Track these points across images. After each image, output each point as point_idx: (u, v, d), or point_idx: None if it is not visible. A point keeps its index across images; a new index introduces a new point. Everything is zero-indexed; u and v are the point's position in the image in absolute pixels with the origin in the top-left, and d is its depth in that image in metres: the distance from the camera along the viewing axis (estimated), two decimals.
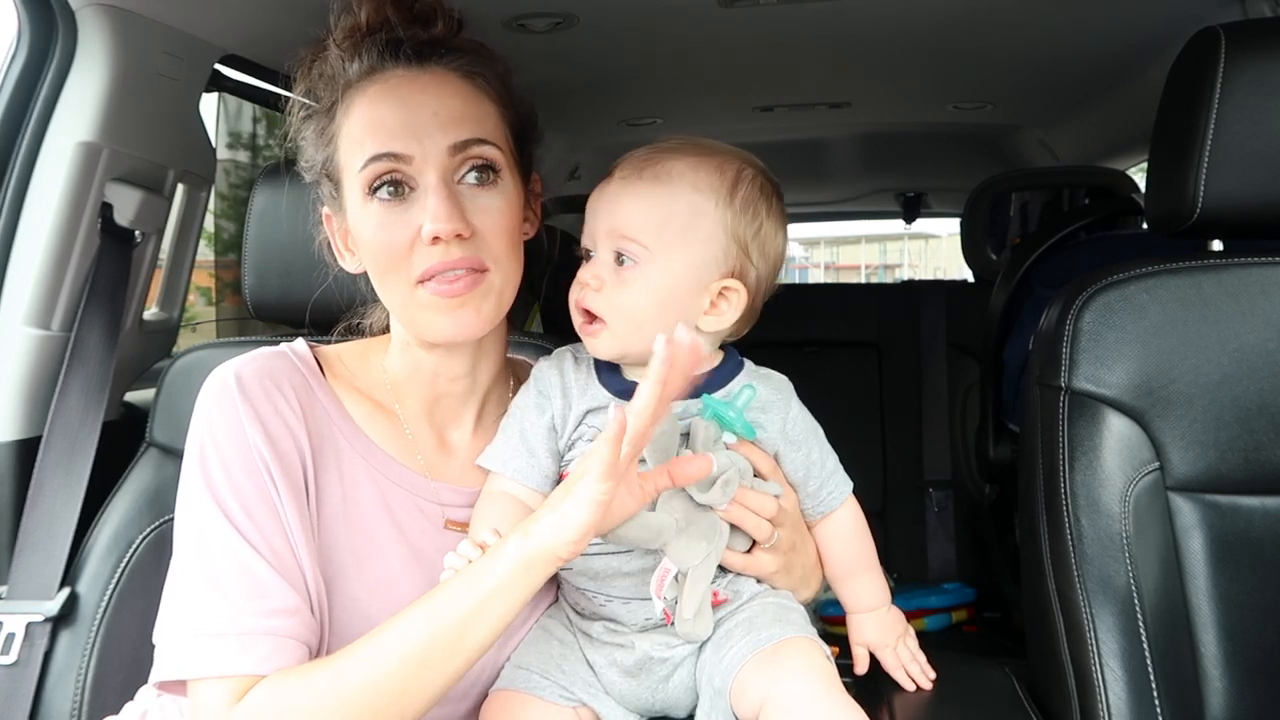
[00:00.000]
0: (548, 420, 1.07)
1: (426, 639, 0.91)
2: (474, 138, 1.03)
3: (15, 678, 1.31)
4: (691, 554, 0.99)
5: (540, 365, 1.12)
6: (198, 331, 2.54)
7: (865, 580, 1.17)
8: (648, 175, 1.03)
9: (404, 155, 1.01)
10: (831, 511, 1.14)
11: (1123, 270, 1.23)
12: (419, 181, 1.01)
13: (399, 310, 1.08)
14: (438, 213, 0.99)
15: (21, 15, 1.43)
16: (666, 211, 1.02)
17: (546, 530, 0.91)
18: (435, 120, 1.01)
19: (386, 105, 1.03)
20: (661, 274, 1.02)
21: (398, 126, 1.01)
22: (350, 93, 1.05)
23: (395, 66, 1.04)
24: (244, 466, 0.98)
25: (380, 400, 1.12)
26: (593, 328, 1.04)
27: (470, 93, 1.05)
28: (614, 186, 1.05)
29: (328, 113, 1.07)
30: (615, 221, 1.03)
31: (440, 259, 1.01)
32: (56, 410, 1.44)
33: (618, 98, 2.46)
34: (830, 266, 28.04)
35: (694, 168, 1.03)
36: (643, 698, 1.07)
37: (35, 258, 1.46)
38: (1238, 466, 1.20)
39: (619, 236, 1.02)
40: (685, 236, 1.02)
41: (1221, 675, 1.18)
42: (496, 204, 1.04)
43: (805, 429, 1.10)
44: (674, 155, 1.04)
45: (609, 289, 1.02)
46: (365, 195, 1.03)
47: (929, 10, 1.75)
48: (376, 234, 1.03)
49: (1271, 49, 1.18)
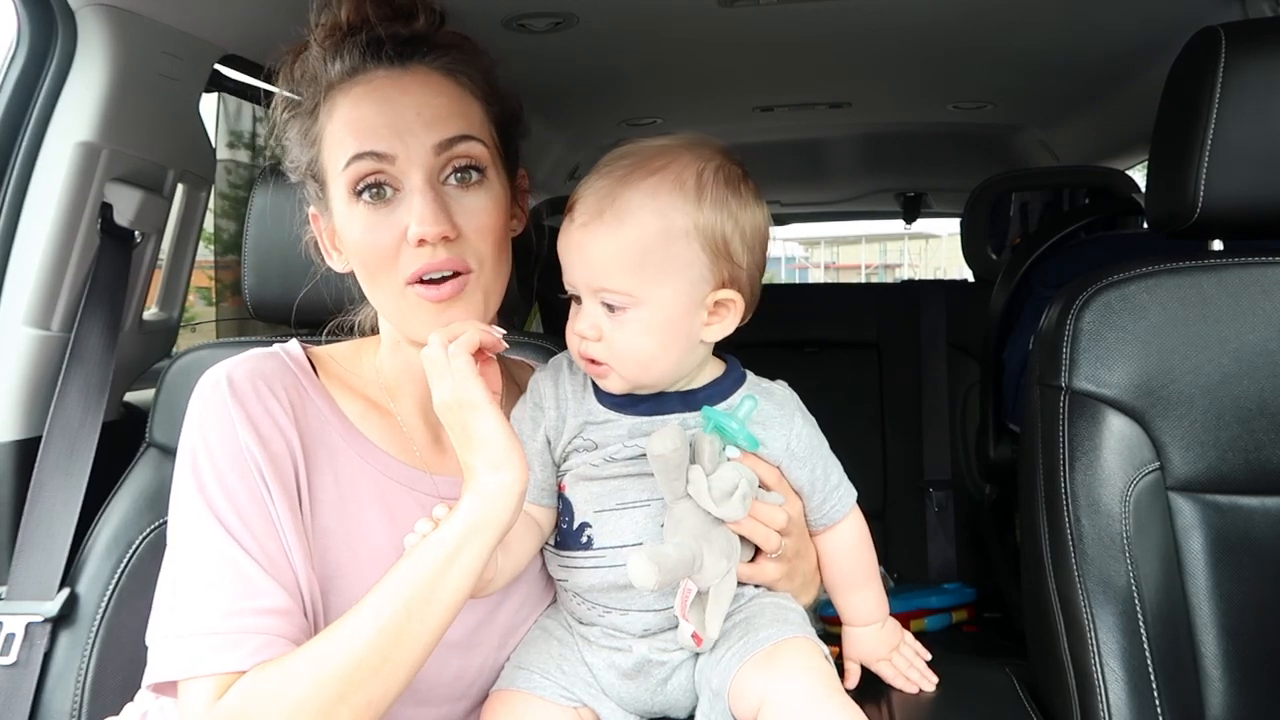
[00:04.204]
0: (542, 434, 1.07)
1: (400, 608, 0.91)
2: (459, 135, 1.02)
3: (15, 678, 1.31)
4: (714, 571, 0.98)
5: (535, 376, 1.11)
6: (198, 331, 2.54)
7: (865, 593, 1.16)
8: (609, 217, 0.98)
9: (387, 154, 1.00)
10: (835, 523, 1.12)
11: (1123, 270, 1.23)
12: (403, 182, 1.01)
13: (388, 310, 1.08)
14: (423, 215, 0.98)
15: (21, 15, 1.43)
16: (640, 251, 0.97)
17: (485, 494, 0.94)
18: (419, 119, 1.01)
19: (369, 105, 1.02)
20: (654, 312, 0.99)
21: (380, 126, 1.00)
22: (332, 93, 1.04)
23: (377, 67, 1.03)
24: (236, 468, 0.98)
25: (374, 399, 1.12)
26: (600, 369, 1.02)
27: (454, 90, 1.05)
28: (577, 234, 1.00)
29: (311, 113, 1.06)
30: (591, 274, 0.99)
31: (426, 261, 1.00)
32: (56, 410, 1.44)
33: (618, 98, 2.46)
34: (830, 266, 28.04)
35: (652, 193, 0.98)
36: (641, 699, 1.07)
37: (35, 258, 1.46)
38: (1238, 466, 1.20)
39: (600, 290, 0.99)
40: (666, 270, 0.98)
41: (1221, 675, 1.18)
42: (482, 204, 1.04)
43: (810, 444, 1.08)
44: (628, 185, 0.98)
45: (607, 338, 1.00)
46: (350, 196, 1.02)
47: (929, 10, 1.74)
48: (363, 236, 1.02)
49: (1271, 49, 1.18)
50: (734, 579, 1.02)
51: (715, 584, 0.98)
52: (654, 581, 0.91)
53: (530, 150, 1.17)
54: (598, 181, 1.01)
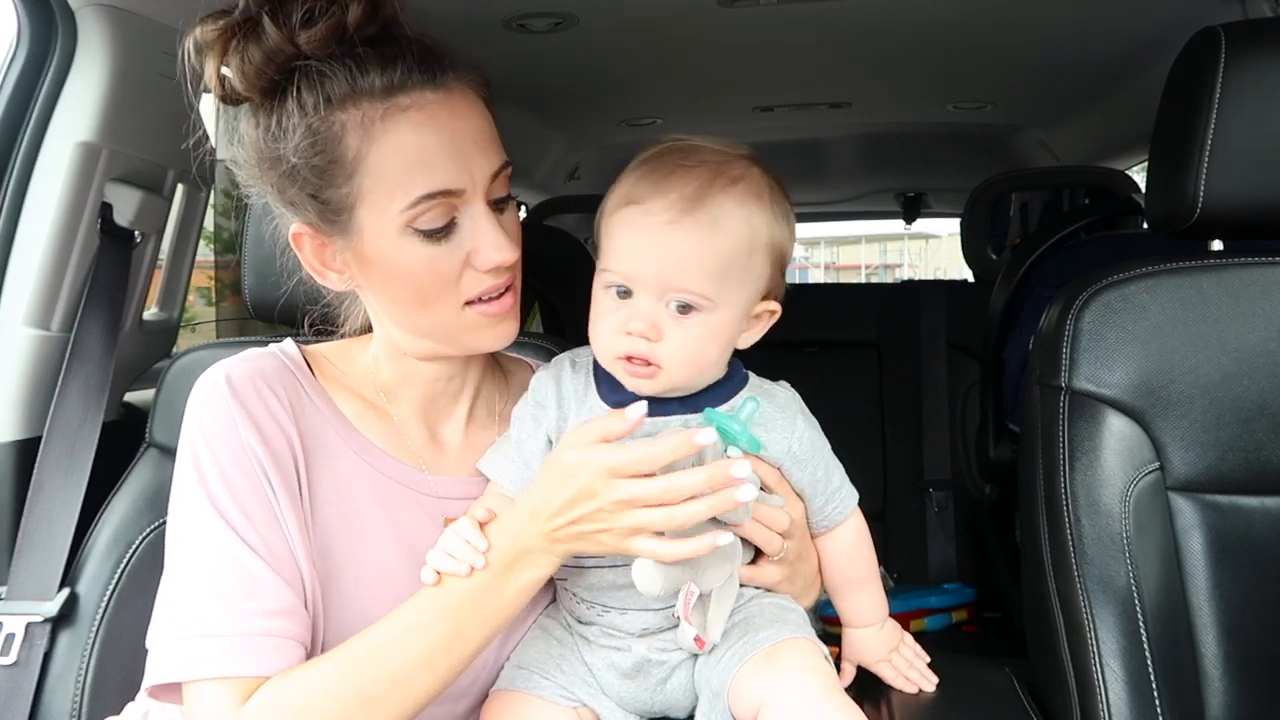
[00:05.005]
0: (543, 432, 1.06)
1: (449, 621, 0.95)
2: (505, 161, 1.03)
3: (15, 678, 1.31)
4: (717, 575, 0.97)
5: (538, 375, 1.11)
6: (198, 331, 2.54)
7: (865, 595, 1.16)
8: (701, 219, 0.95)
9: (457, 190, 0.98)
10: (836, 525, 1.12)
11: (1123, 270, 1.23)
12: (461, 209, 1.00)
13: (436, 331, 1.05)
14: (500, 243, 1.00)
15: (21, 15, 1.43)
16: (727, 258, 0.96)
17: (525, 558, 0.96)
18: (476, 148, 1.00)
19: (430, 135, 0.97)
20: (723, 318, 0.98)
21: (448, 161, 0.97)
22: (371, 114, 0.95)
23: (421, 87, 0.97)
24: (238, 467, 0.98)
25: (369, 399, 1.12)
26: (647, 370, 0.98)
27: (484, 109, 1.04)
28: (659, 230, 0.95)
29: (325, 132, 0.96)
30: (671, 273, 0.95)
31: (493, 282, 1.02)
32: (56, 410, 1.44)
33: (618, 98, 2.46)
34: (830, 266, 28.05)
35: (741, 202, 0.97)
36: (641, 699, 1.07)
37: (35, 258, 1.46)
38: (1238, 466, 1.20)
39: (678, 290, 0.96)
40: (742, 278, 0.98)
41: (1221, 675, 1.18)
42: (514, 217, 1.06)
43: (812, 447, 1.07)
44: (715, 190, 0.96)
45: (667, 338, 0.97)
46: (405, 229, 0.98)
47: (929, 10, 1.74)
48: (424, 267, 0.99)
49: (1271, 49, 1.18)
50: (736, 582, 1.01)
51: (718, 587, 0.98)
52: (659, 588, 0.91)
53: (530, 150, 1.18)
54: (671, 179, 0.97)
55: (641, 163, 1.01)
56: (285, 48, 0.94)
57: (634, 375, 0.99)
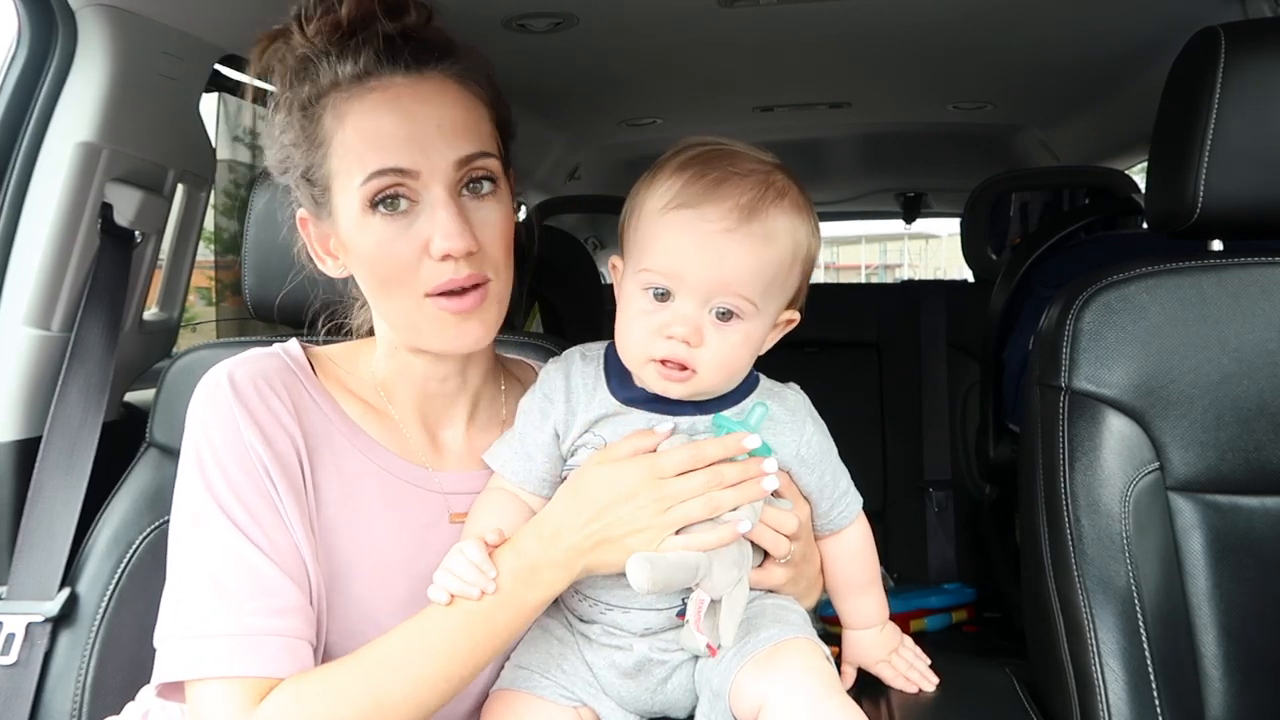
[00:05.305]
0: (550, 426, 1.06)
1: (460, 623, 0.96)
2: (478, 151, 1.01)
3: (15, 678, 1.31)
4: (726, 580, 0.97)
5: (547, 368, 1.10)
6: (198, 331, 2.54)
7: (866, 598, 1.16)
8: (757, 231, 0.97)
9: (410, 170, 0.98)
10: (840, 529, 1.13)
11: (1123, 270, 1.23)
12: (422, 195, 0.99)
13: (400, 321, 1.06)
14: (450, 230, 0.98)
15: (21, 15, 1.43)
16: (775, 269, 0.99)
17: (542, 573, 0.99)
18: (439, 133, 0.99)
19: (388, 115, 0.99)
20: (758, 326, 1.00)
21: (402, 139, 0.98)
22: (339, 96, 1.00)
23: (393, 72, 1.00)
24: (242, 466, 0.98)
25: (370, 401, 1.12)
26: (682, 375, 0.99)
27: (468, 100, 1.04)
28: (717, 238, 0.96)
29: (310, 114, 1.02)
30: (724, 280, 0.96)
31: (450, 275, 1.00)
32: (56, 410, 1.44)
33: (618, 98, 2.46)
34: (830, 266, 28.01)
35: (790, 216, 0.99)
36: (641, 699, 1.07)
37: (35, 258, 1.46)
38: (1238, 466, 1.20)
39: (729, 294, 0.96)
40: (783, 288, 1.01)
41: (1221, 675, 1.18)
42: (496, 214, 1.04)
43: (820, 451, 1.08)
44: (768, 203, 0.98)
45: (707, 343, 0.97)
46: (365, 208, 1.00)
47: (929, 10, 1.75)
48: (380, 249, 1.00)
49: (1271, 49, 1.18)
50: (746, 587, 1.01)
51: (728, 592, 0.98)
52: (647, 581, 0.91)
53: (530, 150, 1.18)
54: (725, 187, 0.97)
55: (683, 165, 1.00)
56: (302, 45, 1.01)
57: (666, 379, 0.99)
